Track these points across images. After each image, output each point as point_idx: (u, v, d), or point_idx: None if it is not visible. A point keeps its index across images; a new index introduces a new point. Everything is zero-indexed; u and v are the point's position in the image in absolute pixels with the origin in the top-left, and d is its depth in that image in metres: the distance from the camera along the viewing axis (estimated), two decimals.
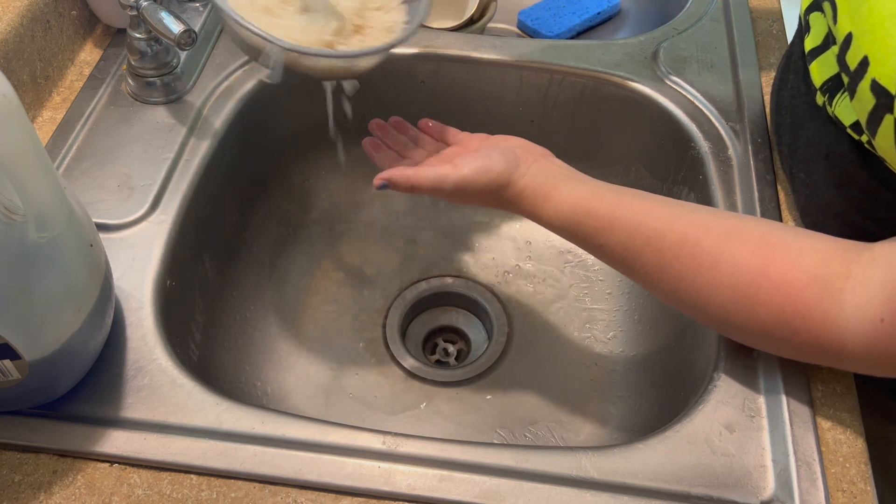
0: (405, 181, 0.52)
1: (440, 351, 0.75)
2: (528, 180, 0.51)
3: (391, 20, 0.56)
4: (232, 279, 0.70)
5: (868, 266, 0.43)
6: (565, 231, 0.51)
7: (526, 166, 0.52)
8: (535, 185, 0.51)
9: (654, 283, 0.49)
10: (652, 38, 0.75)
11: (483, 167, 0.52)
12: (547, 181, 0.51)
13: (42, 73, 0.67)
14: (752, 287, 0.45)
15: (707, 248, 0.46)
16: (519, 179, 0.51)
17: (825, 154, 0.54)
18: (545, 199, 0.50)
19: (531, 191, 0.51)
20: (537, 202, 0.51)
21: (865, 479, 0.47)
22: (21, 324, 0.42)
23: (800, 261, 0.44)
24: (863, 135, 0.47)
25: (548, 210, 0.50)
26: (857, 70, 0.42)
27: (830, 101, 0.51)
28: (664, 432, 0.49)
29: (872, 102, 0.41)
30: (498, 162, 0.52)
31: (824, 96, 0.52)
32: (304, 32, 0.52)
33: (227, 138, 0.67)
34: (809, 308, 0.43)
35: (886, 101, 0.40)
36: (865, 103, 0.41)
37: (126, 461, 0.48)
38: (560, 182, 0.51)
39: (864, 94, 0.41)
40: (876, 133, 0.42)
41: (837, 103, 0.50)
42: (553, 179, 0.51)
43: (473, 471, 0.47)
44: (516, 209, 0.53)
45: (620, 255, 0.49)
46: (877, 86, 0.40)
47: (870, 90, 0.41)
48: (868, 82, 0.41)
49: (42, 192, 0.41)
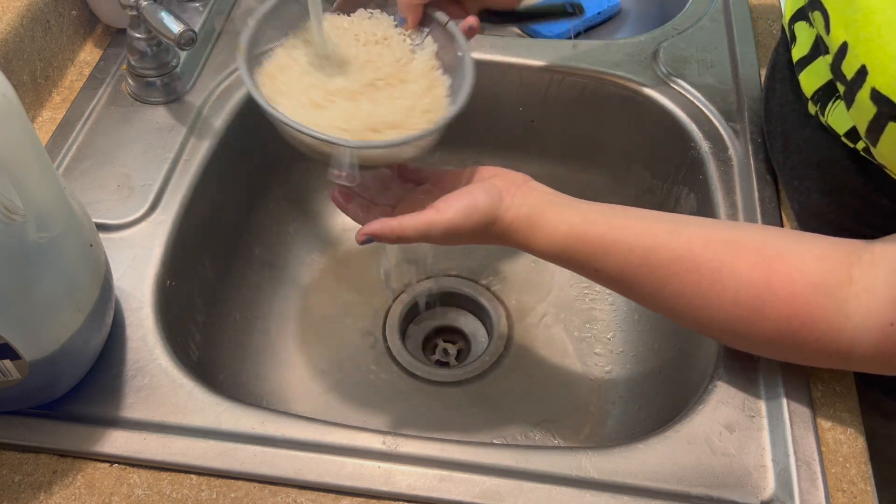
0: (390, 233, 0.49)
1: (440, 351, 0.75)
2: (514, 212, 0.49)
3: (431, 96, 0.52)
4: (232, 279, 0.70)
5: (870, 269, 0.43)
6: (559, 260, 0.50)
7: (510, 198, 0.49)
8: (521, 217, 0.49)
9: (654, 301, 0.49)
10: (652, 38, 0.75)
11: (468, 207, 0.49)
12: (533, 211, 0.49)
13: (42, 73, 0.67)
14: (757, 301, 0.45)
15: (706, 263, 0.46)
16: (505, 214, 0.49)
17: (817, 162, 0.54)
18: (533, 230, 0.49)
19: (519, 223, 0.49)
20: (527, 234, 0.49)
21: (865, 479, 0.47)
22: (21, 324, 0.42)
23: (802, 271, 0.44)
24: (858, 142, 0.47)
25: (539, 241, 0.49)
26: (855, 79, 0.42)
27: (823, 110, 0.50)
28: (664, 432, 0.49)
29: (873, 111, 0.41)
30: (482, 199, 0.49)
31: (816, 105, 0.51)
32: (349, 121, 0.49)
33: (227, 138, 0.67)
34: (815, 319, 0.43)
35: (888, 109, 0.39)
36: (865, 112, 0.41)
37: (126, 461, 0.48)
38: (546, 210, 0.49)
39: (863, 102, 0.41)
40: (878, 141, 0.41)
41: (830, 112, 0.49)
42: (539, 209, 0.49)
43: (473, 471, 0.47)
44: (507, 243, 0.51)
45: (617, 277, 0.49)
46: (877, 94, 0.40)
47: (870, 99, 0.41)
48: (867, 91, 0.41)
49: (42, 192, 0.41)
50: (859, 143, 0.47)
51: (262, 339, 0.71)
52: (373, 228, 0.49)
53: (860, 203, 0.51)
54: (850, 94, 0.42)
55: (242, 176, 0.71)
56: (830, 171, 0.52)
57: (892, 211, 0.49)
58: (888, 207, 0.49)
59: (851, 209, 0.51)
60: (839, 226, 0.52)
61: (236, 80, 0.70)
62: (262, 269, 0.74)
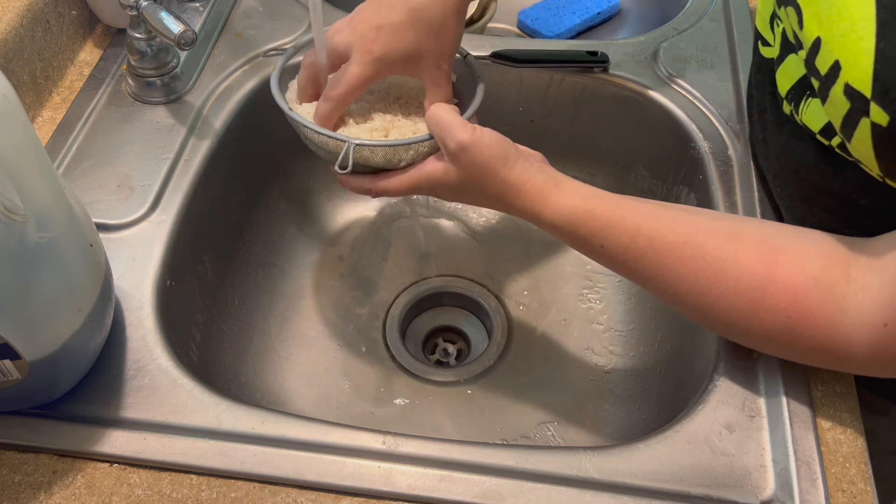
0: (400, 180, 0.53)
1: (440, 351, 0.75)
2: (531, 173, 0.50)
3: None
4: (232, 279, 0.70)
5: (866, 268, 0.43)
6: (566, 231, 0.50)
7: (529, 162, 0.51)
8: (537, 182, 0.50)
9: (656, 285, 0.49)
10: (652, 38, 0.75)
11: (499, 136, 0.51)
12: (548, 179, 0.50)
13: (42, 73, 0.67)
14: (758, 292, 0.45)
15: (711, 251, 0.46)
16: (522, 172, 0.50)
17: (794, 169, 0.54)
18: (547, 197, 0.50)
19: (533, 186, 0.50)
20: (539, 200, 0.50)
21: (865, 479, 0.47)
22: (21, 324, 0.42)
23: (804, 265, 0.44)
24: (833, 139, 0.47)
25: (548, 210, 0.50)
26: (829, 74, 0.42)
27: (796, 108, 0.51)
28: (664, 432, 0.49)
29: (847, 106, 0.41)
30: (510, 141, 0.52)
31: (790, 105, 0.52)
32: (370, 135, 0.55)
33: (227, 138, 0.67)
34: (814, 314, 0.43)
35: (861, 104, 0.40)
36: (839, 107, 0.41)
37: (126, 461, 0.48)
38: (561, 181, 0.51)
39: (837, 98, 0.41)
40: (852, 137, 0.42)
41: (804, 109, 0.50)
42: (554, 179, 0.51)
43: (473, 471, 0.47)
44: (516, 206, 0.51)
45: (621, 257, 0.49)
46: (850, 90, 0.40)
47: (843, 94, 0.41)
48: (841, 86, 0.41)
49: (42, 192, 0.41)
50: (834, 139, 0.47)
51: (261, 339, 0.71)
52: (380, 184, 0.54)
53: (841, 205, 0.51)
54: (824, 90, 0.43)
55: (242, 176, 0.71)
56: (808, 177, 0.52)
57: (872, 209, 0.49)
58: (869, 206, 0.49)
59: (833, 213, 0.52)
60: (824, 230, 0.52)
61: (236, 80, 0.70)
62: (261, 269, 0.74)
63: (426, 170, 0.52)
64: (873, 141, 0.40)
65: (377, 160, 0.53)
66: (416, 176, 0.53)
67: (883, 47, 0.38)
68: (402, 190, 0.54)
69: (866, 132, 0.40)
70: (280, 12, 0.77)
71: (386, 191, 0.54)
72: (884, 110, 0.38)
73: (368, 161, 0.53)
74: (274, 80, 0.57)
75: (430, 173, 0.52)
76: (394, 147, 0.52)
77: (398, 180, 0.53)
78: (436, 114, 0.51)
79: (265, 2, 0.78)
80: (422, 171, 0.52)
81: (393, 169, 0.54)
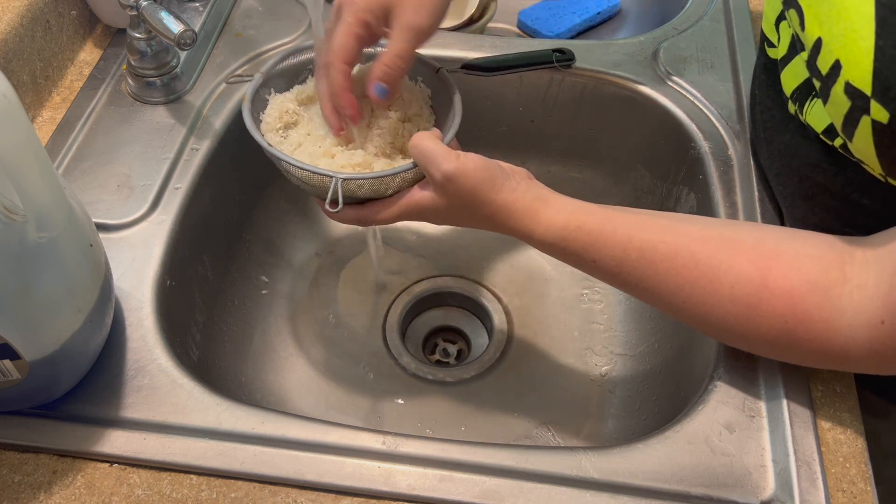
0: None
1: (440, 351, 0.75)
2: (519, 194, 0.50)
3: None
4: (232, 279, 0.70)
5: (862, 267, 0.43)
6: (557, 248, 0.50)
7: (516, 181, 0.50)
8: (525, 200, 0.50)
9: (652, 296, 0.49)
10: (652, 38, 0.75)
11: (485, 160, 0.50)
12: (537, 197, 0.50)
13: (42, 73, 0.67)
14: (754, 298, 0.45)
15: (704, 259, 0.46)
16: (510, 193, 0.50)
17: (796, 167, 0.54)
18: (536, 215, 0.50)
19: (522, 204, 0.50)
20: (528, 218, 0.50)
21: (865, 479, 0.47)
22: (21, 324, 0.42)
23: (798, 269, 0.44)
24: (836, 139, 0.47)
25: (539, 228, 0.50)
26: (830, 74, 0.42)
27: (801, 108, 0.51)
28: (664, 432, 0.49)
29: (847, 105, 0.41)
30: (494, 163, 0.51)
31: (795, 104, 0.52)
32: (358, 167, 0.54)
33: (227, 138, 0.67)
34: (811, 317, 0.43)
35: (862, 102, 0.40)
36: (840, 106, 0.42)
37: (126, 461, 0.48)
38: (549, 198, 0.50)
39: (837, 97, 0.41)
40: (853, 136, 0.42)
41: (808, 110, 0.50)
42: (542, 197, 0.50)
43: (473, 471, 0.47)
44: (506, 226, 0.51)
45: (614, 270, 0.49)
46: (851, 88, 0.40)
47: (844, 93, 0.41)
48: (841, 85, 0.41)
49: (42, 192, 0.41)
50: (837, 139, 0.47)
51: (261, 339, 0.71)
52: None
53: (842, 205, 0.51)
54: (825, 90, 0.43)
55: (242, 176, 0.71)
56: (810, 176, 0.52)
57: (874, 209, 0.49)
58: (870, 206, 0.49)
59: (834, 212, 0.52)
60: (824, 229, 0.53)
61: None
62: (261, 270, 0.74)
63: (414, 198, 0.52)
64: (874, 139, 0.40)
65: (364, 192, 0.52)
66: (405, 205, 0.52)
67: (882, 45, 0.38)
68: (392, 219, 0.53)
69: (867, 130, 0.40)
70: (280, 12, 0.77)
71: (375, 221, 0.54)
72: (884, 107, 0.38)
73: (355, 193, 0.52)
74: (246, 111, 0.54)
75: (418, 201, 0.52)
76: (381, 178, 0.51)
77: (388, 211, 0.53)
78: (419, 144, 0.51)
79: (265, 2, 0.78)
80: (410, 200, 0.52)
81: (380, 198, 0.53)
